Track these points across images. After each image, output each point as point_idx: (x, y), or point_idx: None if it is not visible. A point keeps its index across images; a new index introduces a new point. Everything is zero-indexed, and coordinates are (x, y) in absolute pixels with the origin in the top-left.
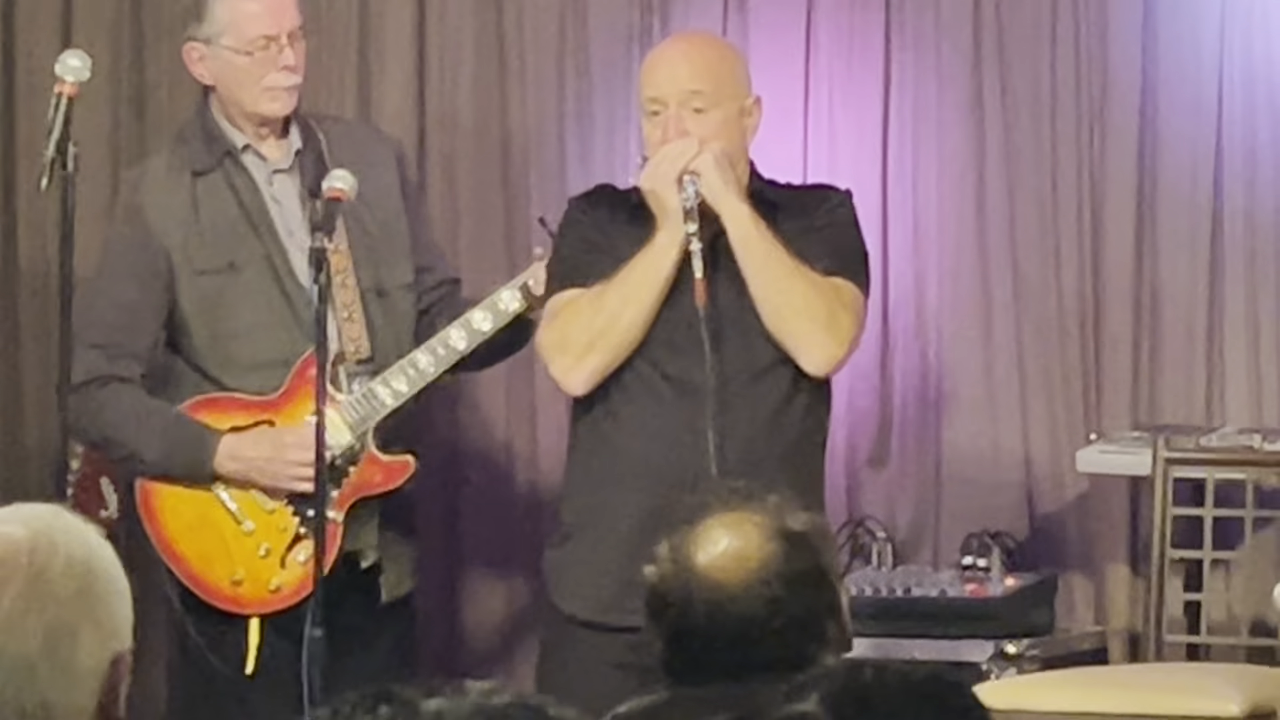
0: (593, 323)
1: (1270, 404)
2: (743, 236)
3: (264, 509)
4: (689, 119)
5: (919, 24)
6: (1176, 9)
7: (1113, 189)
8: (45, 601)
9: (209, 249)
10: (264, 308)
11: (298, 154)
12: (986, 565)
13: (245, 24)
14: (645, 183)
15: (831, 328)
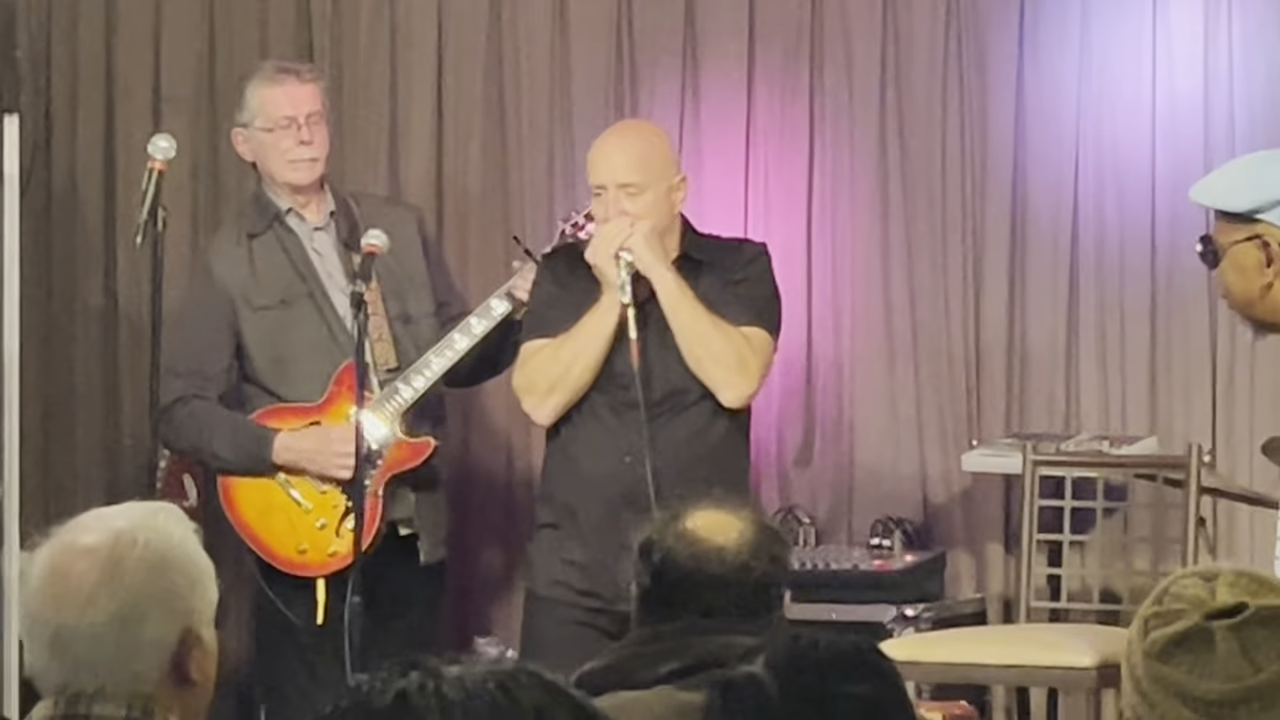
0: (552, 370)
1: (1116, 417)
2: (670, 301)
3: (318, 491)
4: (625, 200)
5: (836, 110)
6: (1041, 101)
7: (990, 245)
8: (118, 585)
9: (264, 291)
10: (310, 335)
11: (332, 214)
12: (890, 545)
13: (270, 107)
14: (590, 257)
15: (742, 370)
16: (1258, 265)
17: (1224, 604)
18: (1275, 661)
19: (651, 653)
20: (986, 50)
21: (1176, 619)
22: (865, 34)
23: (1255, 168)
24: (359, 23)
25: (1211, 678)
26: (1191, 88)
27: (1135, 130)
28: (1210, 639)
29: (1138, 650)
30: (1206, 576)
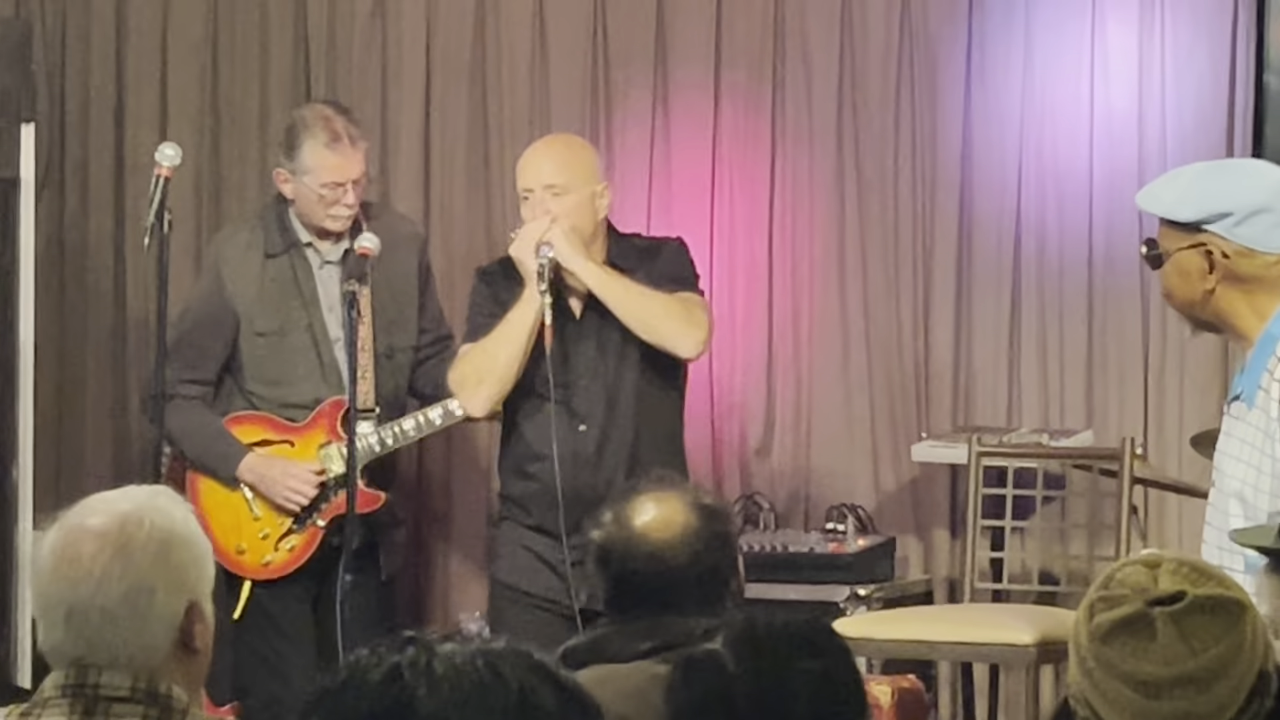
0: (479, 362)
1: (1055, 411)
2: (597, 284)
3: (271, 504)
4: (549, 201)
5: (796, 126)
6: (987, 118)
7: (939, 251)
8: (128, 565)
9: (267, 316)
10: (301, 365)
11: (346, 252)
12: (844, 529)
13: (322, 171)
14: (512, 252)
15: (690, 320)
16: (1200, 272)
17: (1165, 591)
18: (1212, 647)
19: (630, 631)
20: (936, 71)
21: (1120, 604)
22: (823, 56)
23: (1202, 180)
24: (352, 44)
25: (1151, 661)
26: (1127, 104)
27: (1074, 144)
28: (1151, 624)
29: (1083, 632)
30: (1150, 564)
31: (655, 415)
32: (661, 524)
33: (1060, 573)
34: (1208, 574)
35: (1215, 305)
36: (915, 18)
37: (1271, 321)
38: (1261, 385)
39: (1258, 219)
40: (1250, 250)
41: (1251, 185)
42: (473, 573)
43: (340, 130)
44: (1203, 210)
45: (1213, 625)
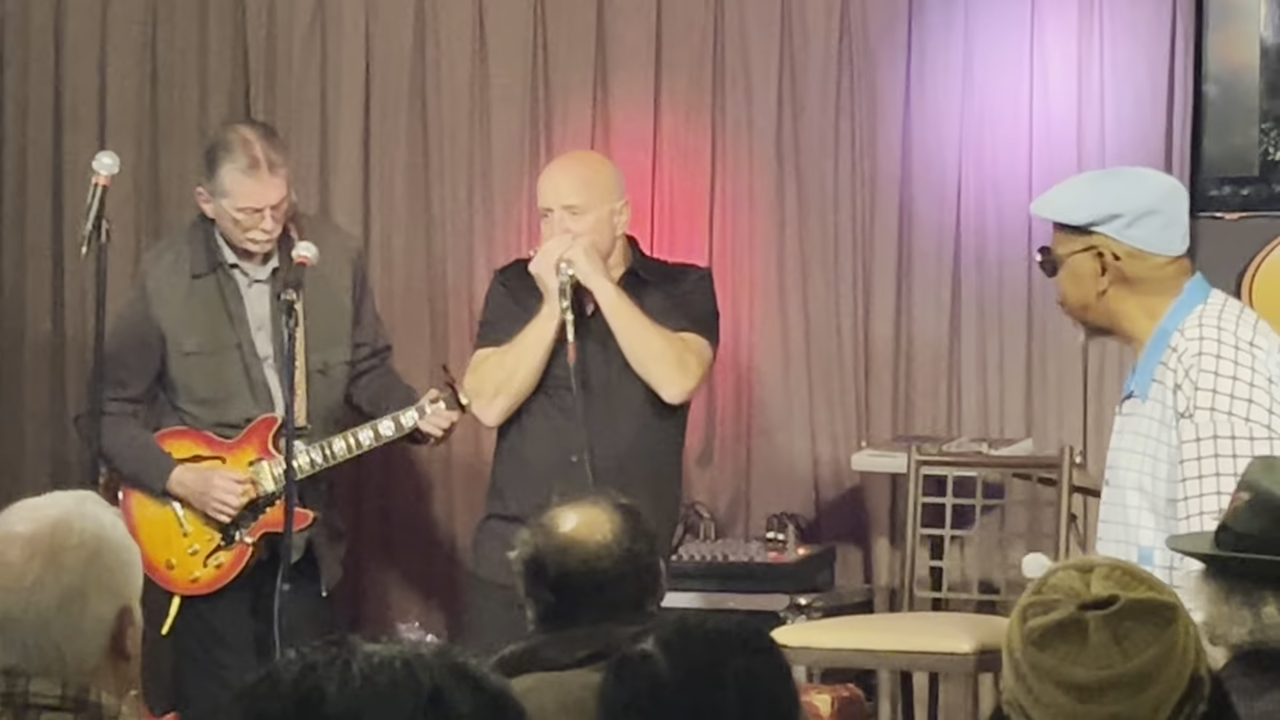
0: (497, 375)
1: (994, 421)
2: (610, 306)
3: (201, 521)
4: (569, 220)
5: (736, 134)
6: (926, 126)
7: (879, 260)
8: (60, 571)
9: (195, 336)
10: (230, 383)
11: (274, 270)
12: (784, 538)
13: (239, 195)
14: (533, 268)
15: (681, 368)
16: (1093, 274)
17: (1098, 595)
18: (1144, 651)
19: (567, 639)
20: (876, 80)
21: (1053, 608)
22: (763, 64)
23: (1093, 184)
24: (292, 53)
25: (1084, 664)
26: (1066, 113)
27: (1013, 154)
28: (1084, 628)
29: (1017, 637)
30: (1082, 569)
31: (657, 426)
32: (589, 528)
33: (1000, 581)
34: (1140, 578)
35: (1108, 307)
36: (854, 25)
37: (1164, 319)
38: (1155, 378)
39: (1147, 220)
40: (1141, 252)
41: (1141, 189)
42: (413, 584)
43: (259, 156)
44: (1095, 213)
45: (1145, 629)
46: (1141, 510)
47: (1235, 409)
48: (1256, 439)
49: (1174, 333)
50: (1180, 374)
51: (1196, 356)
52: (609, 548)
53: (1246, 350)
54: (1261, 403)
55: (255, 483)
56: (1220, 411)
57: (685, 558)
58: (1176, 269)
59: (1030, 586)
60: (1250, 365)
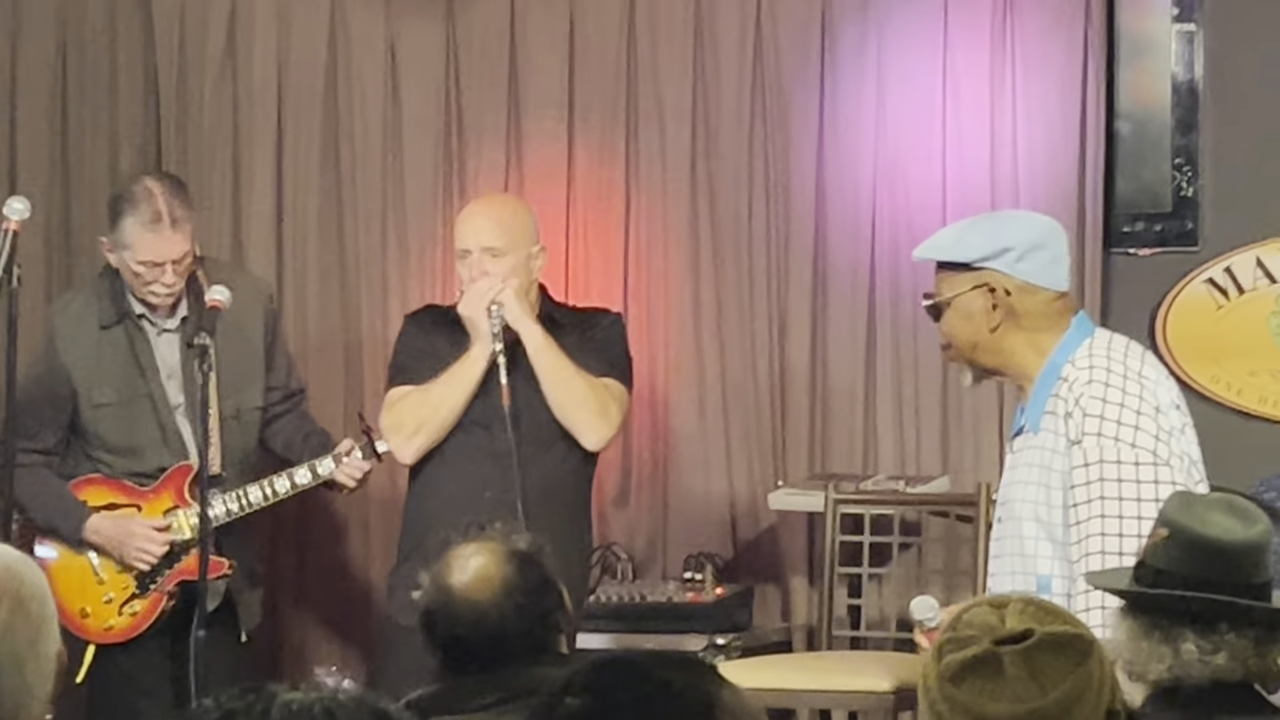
0: (420, 412)
1: (910, 459)
2: (536, 349)
3: (116, 570)
4: (488, 262)
5: (650, 175)
6: (840, 166)
7: (794, 299)
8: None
9: (105, 387)
10: (142, 433)
11: (184, 320)
12: (702, 578)
13: (140, 248)
14: (462, 309)
15: (603, 415)
16: (984, 310)
17: (1013, 630)
18: (1060, 684)
19: (473, 685)
20: (789, 119)
21: (969, 644)
22: (676, 103)
23: (978, 224)
24: (203, 97)
25: (1001, 699)
26: (979, 152)
27: (927, 191)
28: (999, 663)
29: (933, 674)
30: (996, 604)
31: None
32: (480, 583)
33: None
34: (1054, 613)
35: (999, 344)
36: (767, 64)
37: (1053, 353)
38: (1047, 409)
39: (1037, 255)
40: (1031, 286)
41: (1028, 224)
42: (331, 628)
43: (162, 210)
44: (985, 248)
45: (1061, 662)
46: (1039, 540)
47: (1122, 435)
48: (1142, 464)
49: (1065, 364)
50: (1071, 402)
51: (1086, 385)
52: (498, 604)
53: (1135, 379)
54: (1149, 429)
55: (172, 530)
56: (1108, 437)
57: (603, 598)
58: (1063, 305)
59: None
60: (1138, 394)
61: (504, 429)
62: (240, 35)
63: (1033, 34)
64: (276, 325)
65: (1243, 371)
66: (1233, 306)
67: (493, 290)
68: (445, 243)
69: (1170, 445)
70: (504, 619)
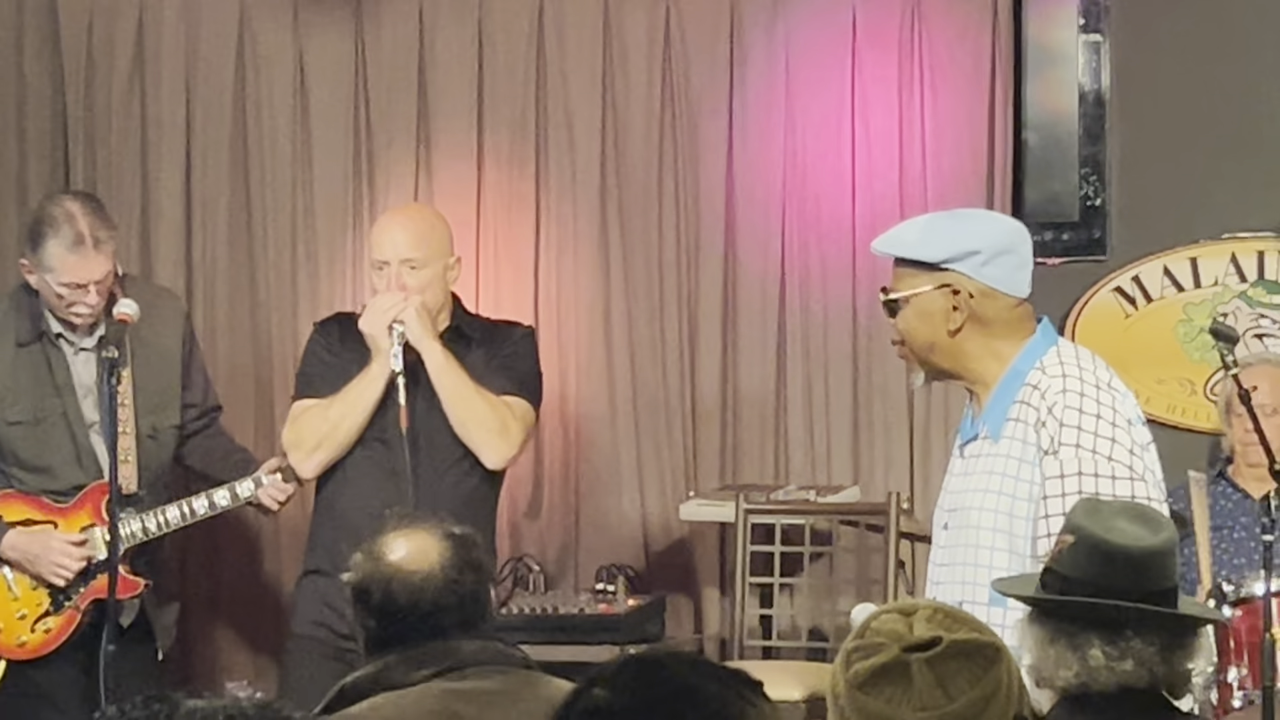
0: (320, 428)
1: (821, 469)
2: (436, 369)
3: (30, 586)
4: (406, 275)
5: (560, 186)
6: (750, 178)
7: (705, 310)
8: None
9: (20, 405)
10: (56, 451)
11: (101, 338)
12: (614, 590)
13: (63, 271)
14: (364, 325)
15: (503, 434)
16: (944, 312)
17: (920, 638)
18: (967, 691)
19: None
20: (698, 130)
21: (877, 652)
22: (586, 115)
23: (943, 223)
24: (110, 110)
25: (909, 706)
26: (888, 162)
27: (836, 202)
28: (908, 670)
29: (841, 681)
30: (905, 611)
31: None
32: (416, 558)
33: (829, 629)
34: (962, 620)
35: (958, 347)
36: (676, 77)
37: (1016, 360)
38: (1011, 416)
39: (1003, 260)
40: (994, 291)
41: (994, 228)
42: (243, 646)
43: (84, 232)
44: (951, 249)
45: (968, 670)
46: (995, 551)
47: (1099, 447)
48: (1118, 478)
49: (1031, 371)
50: (1044, 410)
51: (1060, 394)
52: (434, 577)
53: (1108, 391)
54: (1123, 443)
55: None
56: (1085, 449)
57: (515, 610)
58: (1023, 312)
59: (853, 631)
60: (1112, 405)
61: (401, 447)
62: (148, 47)
63: (940, 44)
64: (193, 342)
65: (1151, 380)
66: (1141, 315)
67: (395, 308)
68: (355, 256)
69: (1144, 459)
70: (438, 592)
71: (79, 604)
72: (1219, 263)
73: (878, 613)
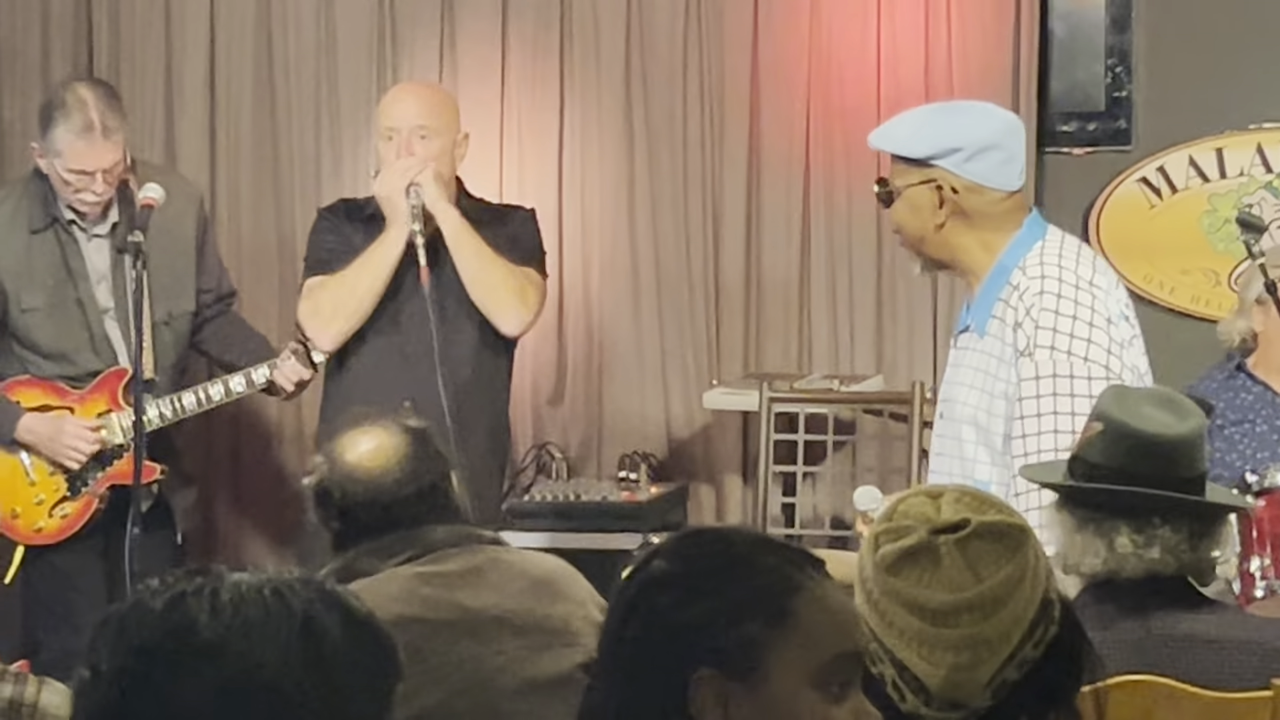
0: (338, 295)
1: (845, 358)
2: (454, 234)
3: (47, 472)
4: (416, 143)
5: (584, 72)
6: (775, 58)
7: (728, 196)
8: None
9: (34, 291)
10: (72, 338)
11: (114, 225)
12: (636, 478)
13: (70, 157)
14: (379, 189)
15: (522, 299)
16: (931, 206)
17: (948, 520)
18: (995, 573)
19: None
20: (723, 14)
21: (905, 534)
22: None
23: (934, 117)
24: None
25: (937, 588)
26: (913, 50)
27: (861, 88)
28: (936, 552)
29: (869, 564)
30: (932, 494)
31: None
32: (373, 454)
33: (851, 517)
34: (990, 502)
35: (945, 240)
36: None
37: (1003, 254)
38: (995, 314)
39: (987, 155)
40: (979, 186)
41: (982, 123)
42: (264, 531)
43: (94, 119)
44: (934, 146)
45: (996, 551)
46: (978, 445)
47: (1075, 348)
48: (1095, 379)
49: (1014, 269)
50: (1021, 312)
51: (1038, 295)
52: (391, 472)
53: (1087, 290)
54: (1100, 343)
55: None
56: (1060, 350)
57: (538, 497)
58: (1013, 204)
59: (880, 514)
60: (1090, 305)
61: (415, 327)
62: None
63: None
64: (207, 228)
65: (1175, 270)
66: (1165, 206)
67: (411, 170)
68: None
69: (1122, 358)
70: (397, 484)
71: (96, 489)
72: (1245, 153)
73: (905, 495)
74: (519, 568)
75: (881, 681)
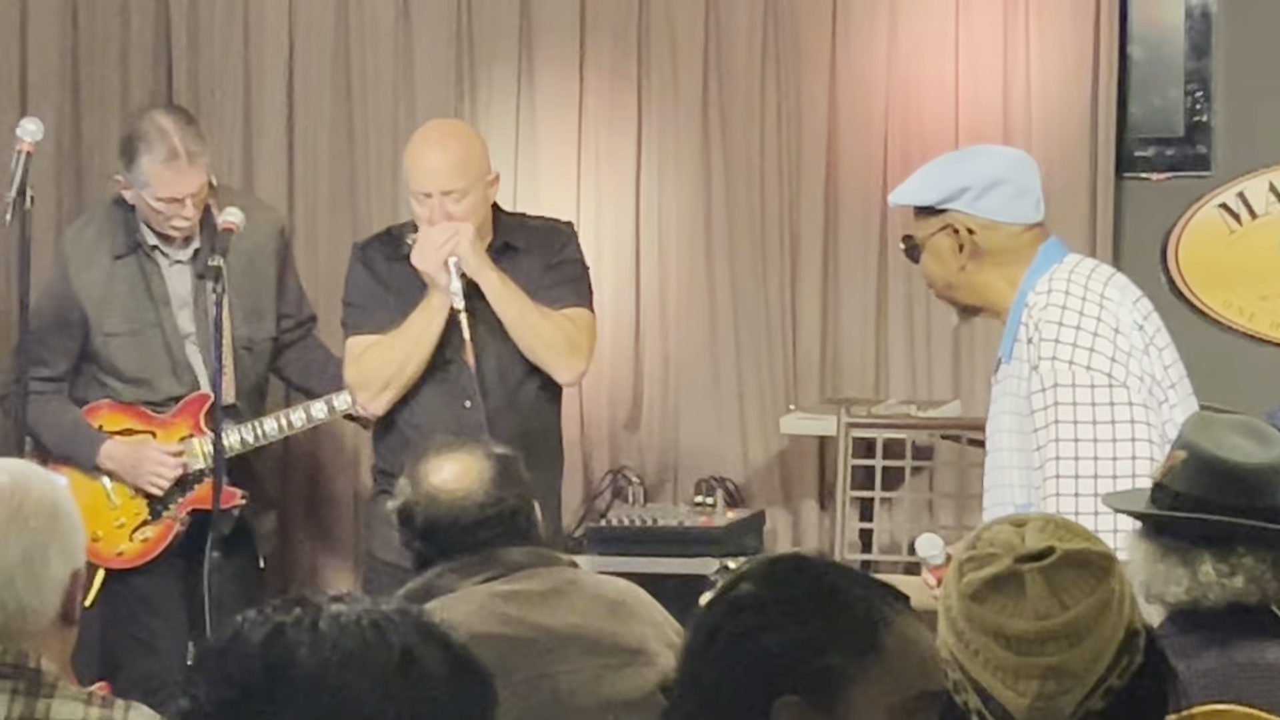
0: (386, 370)
1: (923, 383)
2: (497, 297)
3: (129, 495)
4: (449, 205)
5: (662, 97)
6: (853, 90)
7: (806, 222)
8: (22, 528)
9: (116, 317)
10: (153, 363)
11: (196, 251)
12: (713, 503)
13: (159, 185)
14: (418, 263)
15: (574, 351)
16: (952, 250)
17: (1033, 548)
18: (1081, 601)
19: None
20: (801, 43)
21: (989, 562)
22: (689, 26)
23: (943, 166)
24: (214, 19)
25: (1022, 617)
26: (992, 77)
27: (940, 119)
28: (1021, 581)
29: (954, 593)
30: (1017, 523)
31: (540, 398)
32: (457, 478)
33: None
34: (1074, 530)
35: (970, 282)
36: None
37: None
38: (1017, 337)
39: (996, 190)
40: (993, 222)
41: (987, 162)
42: (342, 556)
43: (178, 146)
44: (944, 190)
45: (1082, 579)
46: (1015, 470)
47: (1076, 358)
48: (1097, 386)
49: (1030, 293)
50: (1031, 327)
51: (1044, 309)
52: (474, 496)
53: (1095, 301)
54: (1103, 351)
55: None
56: (1061, 360)
57: (614, 522)
58: (1033, 237)
59: (965, 542)
60: (1096, 315)
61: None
62: None
63: None
64: (288, 254)
65: (1254, 296)
66: (1245, 231)
67: (449, 243)
68: None
69: (1128, 366)
70: (480, 509)
71: (177, 514)
72: None
73: (989, 524)
74: (595, 589)
75: (966, 711)
